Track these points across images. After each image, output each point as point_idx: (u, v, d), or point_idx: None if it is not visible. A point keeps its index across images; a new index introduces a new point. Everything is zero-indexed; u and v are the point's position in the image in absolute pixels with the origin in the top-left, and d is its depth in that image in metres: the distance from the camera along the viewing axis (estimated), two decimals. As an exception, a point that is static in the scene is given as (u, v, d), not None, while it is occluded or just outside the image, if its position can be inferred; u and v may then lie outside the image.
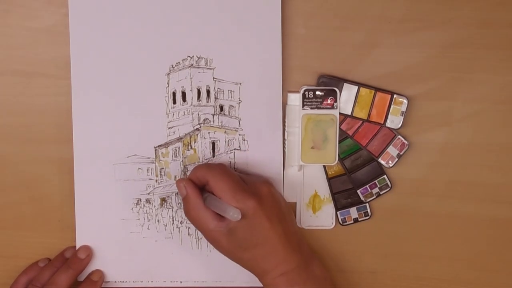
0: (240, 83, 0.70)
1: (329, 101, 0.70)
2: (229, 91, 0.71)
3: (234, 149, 0.71)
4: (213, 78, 0.70)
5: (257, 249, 0.64)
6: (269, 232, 0.64)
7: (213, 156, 0.71)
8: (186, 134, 0.71)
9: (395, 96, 0.71)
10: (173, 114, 0.71)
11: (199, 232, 0.72)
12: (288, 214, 0.68)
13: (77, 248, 0.71)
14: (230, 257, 0.67)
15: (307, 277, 0.65)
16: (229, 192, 0.64)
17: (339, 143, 0.71)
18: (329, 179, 0.73)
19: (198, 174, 0.67)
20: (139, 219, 0.72)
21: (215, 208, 0.64)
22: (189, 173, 0.70)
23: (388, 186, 0.73)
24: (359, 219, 0.74)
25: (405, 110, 0.71)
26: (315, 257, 0.69)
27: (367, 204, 0.73)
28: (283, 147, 0.72)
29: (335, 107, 0.70)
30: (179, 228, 0.72)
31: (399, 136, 0.72)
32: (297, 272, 0.65)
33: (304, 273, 0.66)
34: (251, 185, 0.66)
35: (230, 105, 0.71)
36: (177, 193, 0.72)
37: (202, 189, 0.67)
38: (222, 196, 0.64)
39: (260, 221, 0.64)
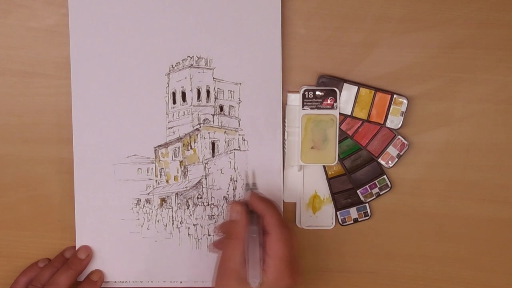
0: (240, 83, 0.70)
1: (329, 101, 0.70)
2: (229, 91, 0.71)
3: (234, 149, 0.71)
4: (213, 78, 0.70)
5: None
6: None
7: (213, 156, 0.71)
8: (186, 134, 0.71)
9: (395, 96, 0.71)
10: (173, 114, 0.71)
11: (199, 232, 0.72)
12: None
13: (77, 248, 0.72)
14: None
15: None
16: (281, 262, 0.62)
17: (339, 143, 0.71)
18: (329, 179, 0.73)
19: (270, 215, 0.64)
20: (139, 219, 0.72)
21: (248, 257, 0.63)
22: (262, 200, 0.67)
23: (388, 186, 0.73)
24: (359, 219, 0.74)
25: (405, 110, 0.71)
26: None
27: (367, 204, 0.73)
28: (283, 147, 0.72)
29: (335, 107, 0.70)
30: (178, 228, 0.72)
31: (399, 136, 0.72)
32: None
33: None
34: (296, 266, 0.64)
35: (230, 105, 0.71)
36: (177, 193, 0.72)
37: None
38: (269, 258, 0.63)
39: None
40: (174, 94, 0.71)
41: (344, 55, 0.71)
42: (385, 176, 0.73)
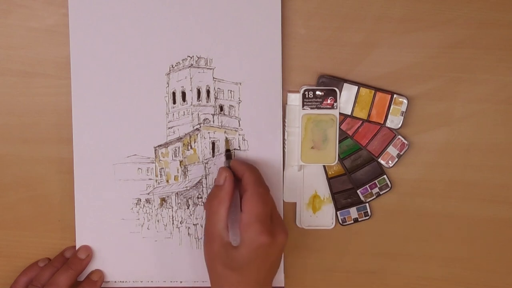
0: (240, 83, 0.70)
1: (329, 101, 0.70)
2: (229, 91, 0.71)
3: (234, 149, 0.71)
4: (213, 78, 0.70)
5: (233, 276, 0.62)
6: (251, 273, 0.62)
7: (213, 156, 0.71)
8: (186, 134, 0.71)
9: (395, 96, 0.71)
10: (173, 114, 0.71)
11: (198, 232, 0.72)
12: (274, 271, 0.66)
13: (77, 248, 0.72)
14: (207, 260, 0.65)
15: None
16: (253, 217, 0.63)
17: (339, 143, 0.71)
18: (329, 179, 0.73)
19: (248, 175, 0.65)
20: (139, 219, 0.72)
21: (231, 217, 0.64)
22: (242, 163, 0.68)
23: (388, 186, 0.73)
24: (359, 219, 0.74)
25: (405, 110, 0.71)
26: None
27: (367, 204, 0.73)
28: (283, 147, 0.72)
29: (335, 107, 0.70)
30: (178, 228, 0.72)
31: (399, 136, 0.72)
32: None
33: None
34: (275, 225, 0.64)
35: (230, 105, 0.71)
36: (177, 193, 0.72)
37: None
38: (243, 214, 0.63)
39: (255, 259, 0.62)
40: (174, 94, 0.71)
41: (344, 55, 0.71)
42: (385, 176, 0.73)
